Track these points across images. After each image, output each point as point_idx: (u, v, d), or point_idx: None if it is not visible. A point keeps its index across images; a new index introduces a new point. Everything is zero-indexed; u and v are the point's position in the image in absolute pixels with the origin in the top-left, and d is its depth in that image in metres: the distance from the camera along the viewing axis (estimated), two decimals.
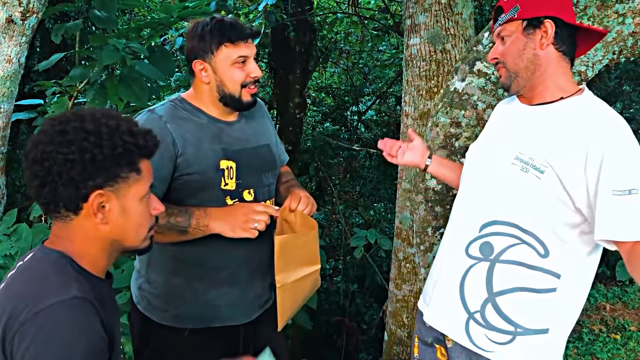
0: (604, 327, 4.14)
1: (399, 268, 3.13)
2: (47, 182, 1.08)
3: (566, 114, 1.42)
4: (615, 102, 5.15)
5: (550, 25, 1.42)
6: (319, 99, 8.02)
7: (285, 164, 2.05)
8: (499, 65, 1.52)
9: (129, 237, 1.17)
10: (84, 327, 1.03)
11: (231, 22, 1.67)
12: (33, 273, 1.10)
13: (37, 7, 1.50)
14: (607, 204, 1.30)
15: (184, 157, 1.63)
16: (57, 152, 1.06)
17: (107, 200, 1.11)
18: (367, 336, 4.99)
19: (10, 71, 1.54)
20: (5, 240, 2.85)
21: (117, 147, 1.09)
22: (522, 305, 1.45)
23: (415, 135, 1.77)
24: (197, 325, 1.73)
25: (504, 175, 1.46)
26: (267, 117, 1.96)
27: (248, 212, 1.61)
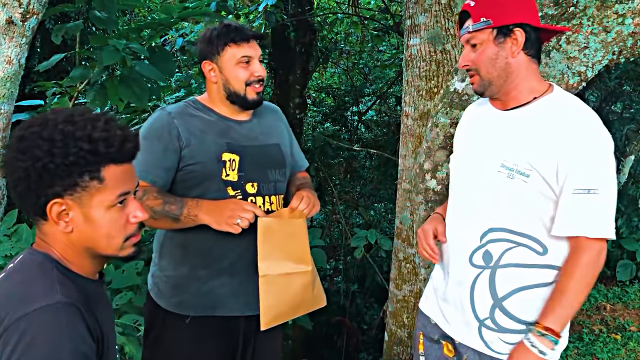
0: (604, 327, 4.14)
1: (399, 268, 3.13)
2: (12, 187, 1.07)
3: (540, 115, 1.48)
4: (615, 102, 5.15)
5: (520, 33, 1.47)
6: (319, 99, 8.02)
7: (304, 170, 2.13)
8: (471, 72, 1.55)
9: (100, 245, 1.12)
10: (69, 333, 1.01)
11: (236, 26, 1.80)
12: (19, 276, 1.08)
13: (38, 8, 1.50)
14: (567, 201, 1.40)
15: (188, 149, 1.75)
16: (16, 159, 1.05)
17: (68, 208, 1.07)
18: (368, 336, 4.99)
19: (10, 72, 1.54)
20: (6, 241, 2.85)
21: (68, 155, 1.03)
22: (528, 302, 1.50)
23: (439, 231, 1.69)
24: (198, 312, 1.80)
25: (492, 184, 1.51)
26: (283, 122, 2.05)
27: (235, 208, 1.68)
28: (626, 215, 5.14)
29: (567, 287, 1.42)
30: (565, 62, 2.06)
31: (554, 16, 2.07)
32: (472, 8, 1.48)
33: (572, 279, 1.41)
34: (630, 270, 4.97)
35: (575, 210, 1.39)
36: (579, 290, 1.42)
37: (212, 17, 4.41)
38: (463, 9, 1.52)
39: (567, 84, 2.08)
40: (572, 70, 2.07)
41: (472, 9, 1.48)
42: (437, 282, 1.71)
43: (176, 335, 1.81)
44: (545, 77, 2.07)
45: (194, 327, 1.80)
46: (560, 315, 1.42)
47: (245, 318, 1.84)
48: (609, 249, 5.10)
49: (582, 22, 2.03)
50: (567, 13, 2.06)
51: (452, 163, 1.71)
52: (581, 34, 2.04)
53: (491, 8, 1.47)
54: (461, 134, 1.74)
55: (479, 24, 1.47)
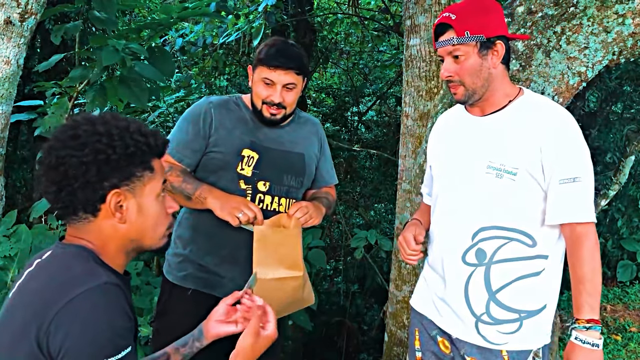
0: (604, 328, 4.14)
1: (399, 269, 3.13)
2: (64, 186, 1.10)
3: (518, 116, 1.59)
4: (615, 103, 5.14)
5: (501, 46, 1.57)
6: (320, 100, 8.02)
7: (330, 186, 2.23)
8: (453, 84, 1.62)
9: (147, 235, 1.20)
10: (119, 310, 1.07)
11: (278, 49, 1.90)
12: (56, 266, 1.12)
13: (36, 8, 1.50)
14: (555, 192, 1.51)
15: (215, 137, 1.91)
16: (72, 155, 1.09)
17: (124, 199, 1.14)
18: (368, 337, 4.98)
19: (9, 73, 1.54)
20: (5, 242, 2.84)
21: (129, 147, 1.12)
22: (521, 292, 1.58)
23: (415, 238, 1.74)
24: (199, 287, 1.93)
25: (482, 185, 1.59)
26: (318, 137, 2.14)
27: (241, 203, 1.80)
28: (626, 215, 5.13)
29: (584, 274, 1.51)
30: (565, 62, 2.06)
31: (554, 16, 2.07)
32: (454, 22, 1.54)
33: (585, 264, 1.51)
34: (631, 270, 4.96)
35: (565, 199, 1.51)
36: (596, 272, 1.52)
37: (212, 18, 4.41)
38: (443, 21, 1.56)
39: (567, 85, 2.08)
40: (572, 71, 2.06)
41: (455, 23, 1.54)
42: (431, 281, 1.77)
43: (178, 307, 1.96)
44: (545, 78, 2.07)
45: (194, 301, 1.92)
46: (592, 303, 1.51)
47: None
48: (610, 249, 5.10)
49: (582, 23, 2.03)
50: (567, 13, 2.06)
51: (435, 170, 1.79)
52: (581, 34, 2.03)
53: (476, 22, 1.54)
54: (438, 141, 1.81)
55: (465, 38, 1.53)
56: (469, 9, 1.55)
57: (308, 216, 1.89)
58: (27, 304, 1.07)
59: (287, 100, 1.92)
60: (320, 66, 7.24)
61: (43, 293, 1.06)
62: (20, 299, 1.10)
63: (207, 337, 1.43)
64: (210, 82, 6.36)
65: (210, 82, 6.34)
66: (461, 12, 1.54)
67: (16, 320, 1.07)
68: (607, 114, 5.11)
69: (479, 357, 1.61)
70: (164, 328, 1.98)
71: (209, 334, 1.43)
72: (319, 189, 2.17)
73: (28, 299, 1.08)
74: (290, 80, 1.90)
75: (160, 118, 4.88)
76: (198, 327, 1.46)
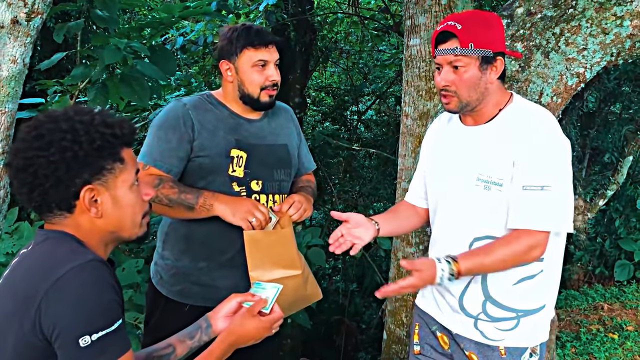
0: (601, 327, 4.16)
1: (398, 268, 3.15)
2: (35, 187, 1.09)
3: (503, 127, 1.58)
4: (614, 103, 5.16)
5: (501, 62, 1.56)
6: (319, 99, 8.03)
7: (310, 172, 2.17)
8: (447, 94, 1.59)
9: (126, 226, 1.19)
10: (106, 284, 1.07)
11: (257, 29, 1.84)
12: (40, 250, 1.12)
13: (42, 7, 1.51)
14: (518, 197, 1.50)
15: (199, 141, 1.81)
16: (38, 156, 1.07)
17: (98, 193, 1.13)
18: (366, 335, 5.00)
19: (15, 71, 1.55)
20: (7, 239, 2.86)
21: (95, 141, 1.10)
22: (519, 293, 1.59)
23: (343, 215, 1.75)
24: (197, 302, 1.85)
25: (472, 197, 1.60)
26: (293, 123, 2.09)
27: (252, 206, 1.76)
28: (624, 215, 5.15)
29: (495, 252, 1.50)
30: (563, 63, 2.08)
31: (553, 18, 2.09)
32: (459, 32, 1.51)
33: (502, 250, 1.50)
34: (628, 270, 4.99)
35: (523, 206, 1.49)
36: (499, 262, 1.51)
37: (213, 17, 4.42)
38: (446, 29, 1.53)
39: (565, 85, 2.10)
40: (570, 72, 2.08)
41: (460, 33, 1.51)
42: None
43: (175, 323, 1.81)
44: (544, 78, 2.09)
45: (192, 316, 1.81)
46: (474, 264, 1.50)
47: None
48: (607, 249, 5.12)
49: (581, 24, 2.05)
50: (566, 15, 2.08)
51: (428, 177, 1.79)
52: (580, 36, 2.05)
53: (482, 36, 1.52)
54: (430, 149, 1.82)
55: (469, 50, 1.51)
56: (474, 21, 1.53)
57: (302, 210, 1.87)
58: (15, 290, 1.08)
59: (279, 78, 1.88)
60: (320, 65, 7.25)
61: (29, 277, 1.07)
62: (8, 287, 1.11)
63: (214, 332, 1.43)
64: (211, 81, 6.37)
65: (210, 81, 6.35)
66: (467, 22, 1.52)
67: (5, 308, 1.08)
68: (606, 114, 5.13)
69: (477, 352, 1.64)
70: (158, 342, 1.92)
71: (217, 329, 1.43)
72: (299, 178, 2.12)
73: (16, 285, 1.08)
74: (277, 56, 1.87)
75: None
76: (204, 318, 1.45)
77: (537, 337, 1.63)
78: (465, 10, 1.68)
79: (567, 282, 5.07)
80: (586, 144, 4.99)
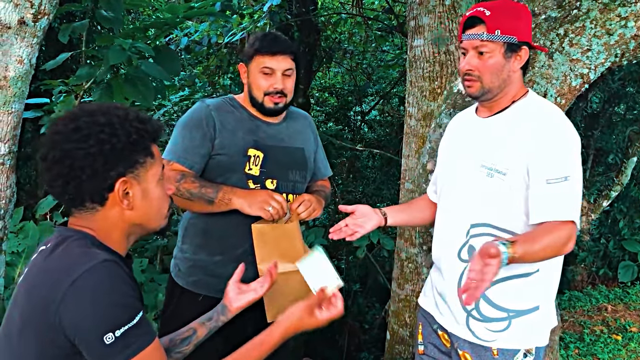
0: (605, 328, 4.15)
1: (401, 268, 3.15)
2: (71, 179, 1.11)
3: (515, 118, 1.60)
4: (618, 104, 5.15)
5: (525, 52, 1.58)
6: (323, 99, 8.03)
7: (325, 179, 2.26)
8: (471, 77, 1.61)
9: (152, 218, 1.23)
10: (122, 282, 1.09)
11: (272, 37, 1.94)
12: (58, 252, 1.14)
13: (49, 8, 1.52)
14: (541, 191, 1.48)
15: (219, 140, 1.92)
16: (77, 148, 1.10)
17: (131, 186, 1.16)
18: (369, 336, 5.00)
19: (22, 72, 1.56)
20: (12, 238, 2.88)
21: (131, 135, 1.14)
22: (511, 292, 1.59)
23: (349, 207, 1.80)
24: (210, 293, 1.94)
25: (473, 182, 1.61)
26: (311, 130, 2.19)
27: (267, 196, 1.85)
28: (628, 216, 5.14)
29: (541, 240, 1.45)
30: (568, 64, 2.08)
31: (557, 19, 2.09)
32: (488, 17, 1.53)
33: (547, 238, 1.45)
34: (632, 271, 4.98)
35: (549, 199, 1.47)
36: (542, 250, 1.45)
37: (217, 17, 4.43)
38: (475, 14, 1.55)
39: (569, 86, 2.10)
40: (574, 72, 2.08)
41: (488, 19, 1.53)
42: (434, 279, 1.80)
43: (189, 312, 1.92)
44: (547, 79, 2.09)
45: (206, 306, 1.90)
46: (525, 250, 1.42)
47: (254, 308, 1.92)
48: (611, 250, 5.12)
49: (585, 25, 2.05)
50: (570, 15, 2.08)
51: (438, 168, 1.83)
52: (584, 37, 2.05)
53: (509, 24, 1.54)
54: (445, 143, 1.85)
55: (495, 36, 1.53)
56: (503, 9, 1.56)
57: (311, 209, 1.94)
58: (33, 292, 1.09)
59: (287, 87, 1.96)
60: (324, 65, 7.25)
61: (48, 278, 1.08)
62: (27, 286, 1.13)
63: (231, 311, 1.51)
64: (214, 81, 6.38)
65: (214, 81, 6.36)
66: (495, 9, 1.54)
67: (25, 308, 1.10)
68: (610, 115, 5.12)
69: (470, 352, 1.64)
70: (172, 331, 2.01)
71: (232, 307, 1.50)
72: (314, 182, 2.20)
73: (34, 286, 1.10)
74: (288, 66, 1.94)
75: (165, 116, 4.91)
76: (220, 304, 1.52)
77: (530, 339, 1.61)
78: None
79: (571, 283, 5.06)
80: (590, 145, 4.98)
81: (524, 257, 1.45)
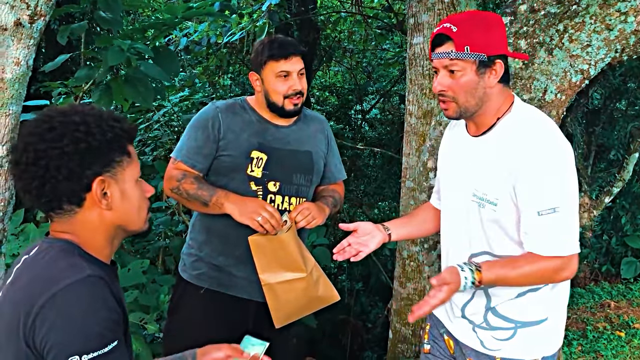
0: (608, 325, 4.15)
1: (403, 266, 3.15)
2: (47, 180, 1.09)
3: (501, 140, 1.52)
4: (619, 100, 5.14)
5: (500, 65, 1.49)
6: (323, 98, 8.03)
7: (339, 182, 2.26)
8: (445, 98, 1.54)
9: (132, 220, 1.21)
10: (101, 302, 1.07)
11: (280, 42, 1.96)
12: (41, 261, 1.12)
13: (45, 9, 1.52)
14: (536, 223, 1.43)
15: (224, 141, 1.96)
16: (51, 147, 1.07)
17: (108, 186, 1.14)
18: (372, 334, 5.00)
19: (19, 73, 1.55)
20: (13, 240, 2.87)
21: (107, 133, 1.12)
22: (520, 306, 1.57)
23: (350, 225, 1.78)
24: (212, 286, 2.00)
25: (467, 213, 1.59)
26: (324, 134, 2.18)
27: (258, 206, 1.85)
28: (630, 212, 5.13)
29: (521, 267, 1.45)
30: (568, 60, 2.07)
31: (556, 14, 2.08)
32: (455, 34, 1.44)
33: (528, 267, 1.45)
34: (635, 267, 4.97)
35: (540, 230, 1.44)
36: (523, 277, 1.47)
37: (216, 17, 4.43)
38: (442, 32, 1.47)
39: (569, 82, 2.09)
40: (574, 68, 2.07)
41: (455, 35, 1.44)
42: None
43: (192, 304, 2.03)
44: (547, 75, 2.09)
45: (207, 299, 2.00)
46: (498, 276, 1.45)
47: (257, 303, 2.00)
48: (613, 246, 5.10)
49: (585, 20, 2.04)
50: (569, 11, 2.07)
51: (440, 189, 1.79)
52: (584, 32, 2.04)
53: (479, 39, 1.45)
54: (441, 158, 1.80)
55: (464, 53, 1.45)
56: (471, 23, 1.46)
57: (310, 217, 1.93)
58: (14, 301, 1.07)
59: (304, 87, 2.00)
60: (324, 64, 7.25)
61: (29, 289, 1.06)
62: (8, 296, 1.10)
63: None
64: (214, 81, 6.38)
65: (214, 81, 6.35)
66: (463, 25, 1.45)
67: (5, 318, 1.08)
68: (611, 111, 5.11)
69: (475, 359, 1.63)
70: (177, 326, 2.06)
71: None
72: (327, 186, 2.20)
73: (15, 296, 1.08)
74: (301, 66, 1.99)
75: (165, 117, 4.91)
76: (191, 354, 1.39)
77: (535, 349, 1.58)
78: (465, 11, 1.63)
79: (574, 279, 5.05)
80: (591, 141, 4.97)
81: (496, 282, 1.46)
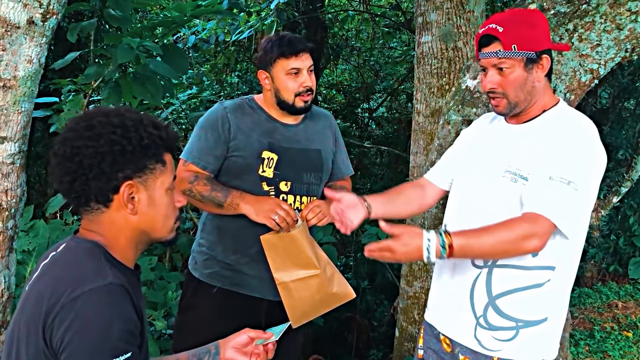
0: (615, 325, 4.13)
1: (410, 265, 3.15)
2: (78, 176, 1.11)
3: (543, 126, 1.57)
4: (628, 99, 5.12)
5: (547, 60, 1.53)
6: (330, 96, 8.03)
7: (346, 178, 2.25)
8: (495, 95, 1.57)
9: (157, 227, 1.21)
10: (120, 312, 1.07)
11: (289, 39, 1.95)
12: (68, 260, 1.13)
13: (57, 8, 1.53)
14: (541, 184, 1.44)
15: (234, 142, 1.94)
16: (87, 146, 1.10)
17: (137, 191, 1.15)
18: (378, 333, 5.01)
19: (31, 71, 1.57)
20: (23, 237, 2.90)
21: (143, 139, 1.13)
22: (521, 302, 1.55)
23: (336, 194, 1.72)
24: (225, 285, 1.99)
25: (495, 187, 1.57)
26: (331, 130, 2.18)
27: (274, 205, 1.86)
28: (638, 212, 5.11)
29: (494, 233, 1.42)
30: (577, 59, 2.07)
31: (566, 14, 2.08)
32: (502, 34, 1.49)
33: (501, 232, 1.42)
34: None
35: (543, 192, 1.43)
36: (496, 243, 1.43)
37: (224, 15, 4.44)
38: (488, 32, 1.51)
39: (579, 82, 2.08)
40: (584, 68, 2.07)
41: (502, 35, 1.49)
42: (444, 281, 1.74)
43: (204, 303, 2.02)
44: (557, 75, 2.08)
45: (220, 298, 1.99)
46: (469, 244, 1.42)
47: (269, 302, 2.00)
48: (621, 247, 5.08)
49: (595, 20, 2.03)
50: (579, 11, 2.06)
51: (457, 170, 1.76)
52: (593, 32, 2.04)
53: (524, 36, 1.49)
54: (467, 142, 1.79)
55: (512, 52, 1.49)
56: (516, 21, 1.51)
57: (321, 215, 1.94)
58: (38, 296, 1.09)
59: (313, 83, 2.00)
60: (331, 63, 7.25)
61: (53, 287, 1.07)
62: (34, 290, 1.12)
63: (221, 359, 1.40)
64: (222, 79, 6.40)
65: (221, 79, 6.37)
66: (508, 24, 1.50)
67: (28, 311, 1.10)
68: (620, 110, 5.09)
69: (471, 359, 1.60)
70: (188, 324, 2.05)
71: (224, 356, 1.40)
72: (334, 182, 2.19)
73: (39, 292, 1.10)
74: (311, 62, 1.98)
75: (173, 115, 4.93)
76: (215, 344, 1.42)
77: (538, 352, 1.57)
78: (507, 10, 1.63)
79: (581, 279, 5.03)
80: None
81: (465, 247, 1.41)
